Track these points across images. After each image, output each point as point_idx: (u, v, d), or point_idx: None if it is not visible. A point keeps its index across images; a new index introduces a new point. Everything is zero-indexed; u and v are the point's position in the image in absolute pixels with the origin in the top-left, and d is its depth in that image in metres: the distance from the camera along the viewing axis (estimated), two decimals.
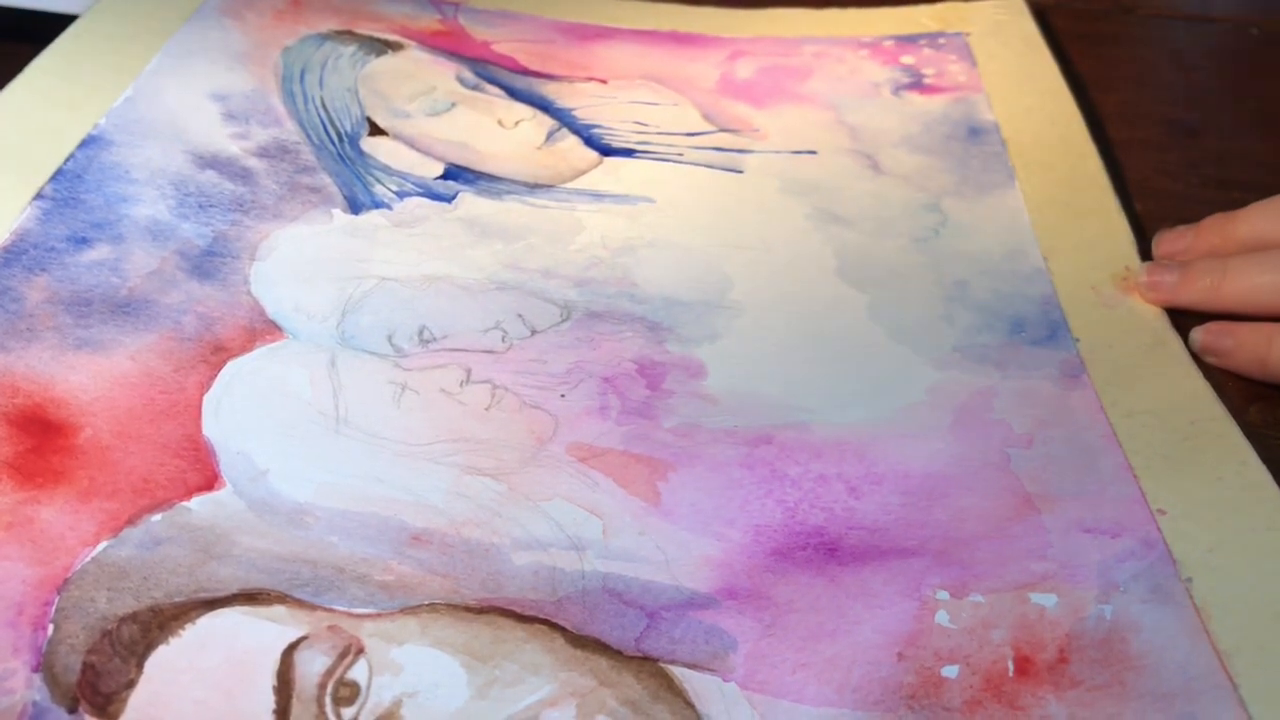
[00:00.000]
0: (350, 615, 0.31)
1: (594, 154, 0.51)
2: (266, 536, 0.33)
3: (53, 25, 0.53)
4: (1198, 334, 0.42)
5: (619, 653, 0.31)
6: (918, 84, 0.57)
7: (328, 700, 0.29)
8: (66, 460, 0.35)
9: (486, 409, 0.38)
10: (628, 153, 0.52)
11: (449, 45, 0.58)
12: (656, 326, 0.42)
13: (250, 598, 0.32)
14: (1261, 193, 0.45)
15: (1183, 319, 0.43)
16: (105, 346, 0.39)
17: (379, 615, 0.32)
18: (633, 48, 0.59)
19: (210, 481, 0.35)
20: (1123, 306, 0.44)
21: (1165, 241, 0.46)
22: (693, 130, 0.53)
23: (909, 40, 0.60)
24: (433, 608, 0.32)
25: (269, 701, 0.29)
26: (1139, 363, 0.41)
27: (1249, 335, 0.41)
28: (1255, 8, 0.69)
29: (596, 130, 0.53)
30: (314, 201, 0.46)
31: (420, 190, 0.48)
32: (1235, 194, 0.46)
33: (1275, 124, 0.57)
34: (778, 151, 0.53)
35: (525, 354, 0.41)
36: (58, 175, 0.45)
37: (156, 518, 0.33)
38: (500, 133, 0.52)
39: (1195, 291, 0.43)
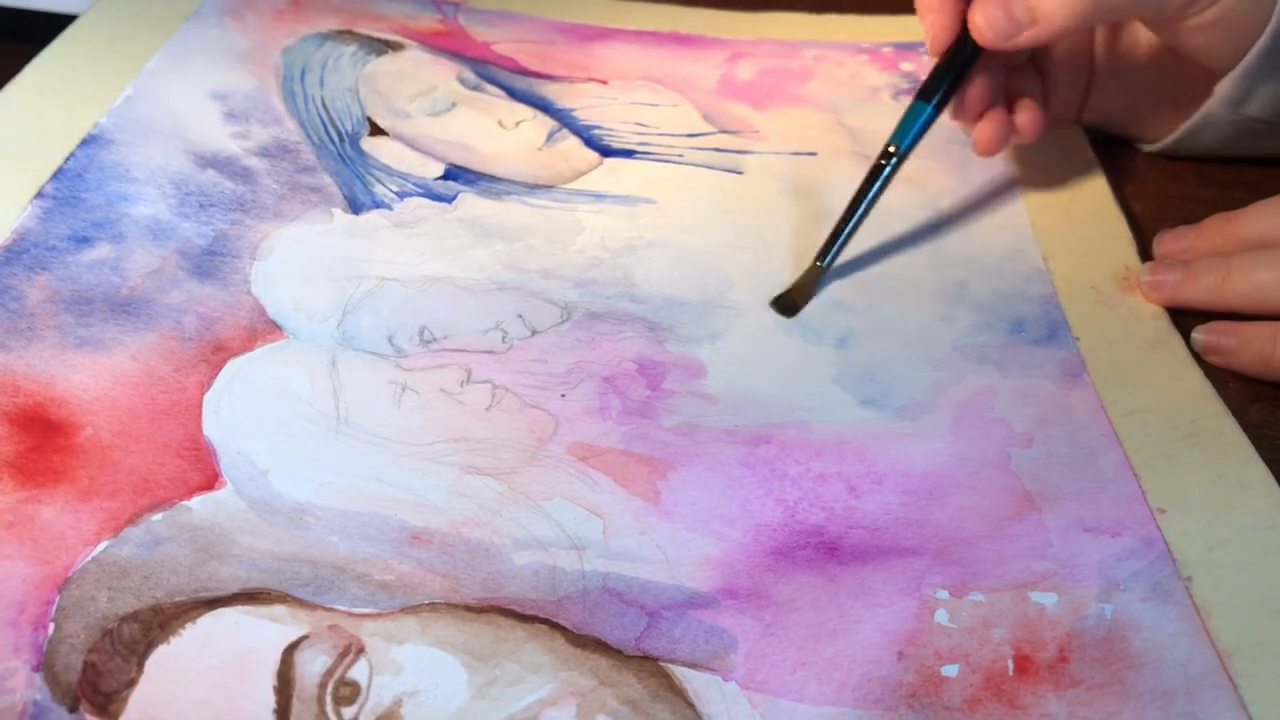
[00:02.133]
0: (350, 615, 0.31)
1: (594, 155, 0.51)
2: (267, 536, 0.33)
3: (53, 25, 0.53)
4: (1200, 333, 0.42)
5: (619, 652, 0.31)
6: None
7: (328, 700, 0.29)
8: (67, 459, 0.35)
9: (487, 409, 0.38)
10: (628, 153, 0.52)
11: (449, 45, 0.58)
12: (656, 326, 0.42)
13: (251, 597, 0.32)
14: (1261, 193, 0.45)
15: (1183, 318, 0.43)
16: (106, 346, 0.39)
17: (379, 615, 0.32)
18: (633, 49, 0.59)
19: (211, 481, 0.35)
20: (1123, 306, 0.44)
21: (1166, 241, 0.46)
22: (693, 131, 0.53)
23: (908, 48, 0.60)
24: (433, 607, 0.32)
25: (269, 701, 0.29)
26: (1139, 362, 0.41)
27: (1252, 333, 0.41)
28: None
29: (597, 131, 0.53)
30: (314, 201, 0.46)
31: (420, 190, 0.48)
32: (1235, 194, 0.46)
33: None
34: (778, 153, 0.53)
35: (525, 354, 0.41)
36: (58, 174, 0.45)
37: (157, 517, 0.33)
38: (500, 133, 0.52)
39: (1199, 289, 0.43)
